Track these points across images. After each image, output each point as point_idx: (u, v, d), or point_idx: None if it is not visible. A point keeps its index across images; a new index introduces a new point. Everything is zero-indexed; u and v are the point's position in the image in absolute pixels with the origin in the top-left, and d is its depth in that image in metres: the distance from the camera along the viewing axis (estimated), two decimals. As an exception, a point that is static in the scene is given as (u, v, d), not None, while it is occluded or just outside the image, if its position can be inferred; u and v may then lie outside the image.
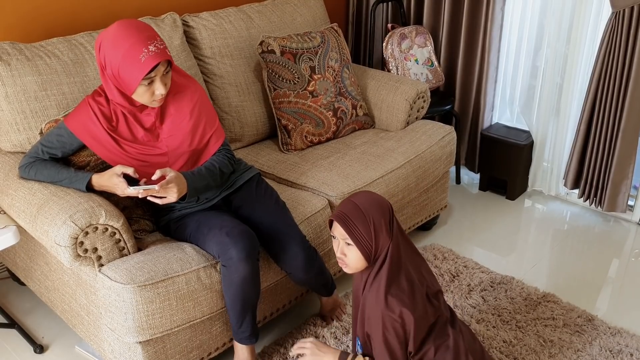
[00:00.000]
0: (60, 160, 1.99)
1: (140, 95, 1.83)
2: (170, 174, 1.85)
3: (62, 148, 1.96)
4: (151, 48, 1.76)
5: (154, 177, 1.84)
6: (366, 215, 1.66)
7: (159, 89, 1.82)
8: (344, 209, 1.69)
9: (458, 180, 3.48)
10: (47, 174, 1.94)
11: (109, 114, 1.91)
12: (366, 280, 1.72)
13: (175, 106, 1.97)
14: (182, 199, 1.92)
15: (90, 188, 1.92)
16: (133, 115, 1.92)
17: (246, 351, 2.04)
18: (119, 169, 1.85)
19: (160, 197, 1.84)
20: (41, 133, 2.02)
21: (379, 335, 1.67)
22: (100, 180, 1.90)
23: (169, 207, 2.07)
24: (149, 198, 1.84)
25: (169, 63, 1.84)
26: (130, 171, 1.85)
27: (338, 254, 1.72)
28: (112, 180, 1.86)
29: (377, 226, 1.66)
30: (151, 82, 1.81)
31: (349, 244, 1.68)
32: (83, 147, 1.97)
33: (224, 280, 1.92)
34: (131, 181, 1.86)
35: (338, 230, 1.68)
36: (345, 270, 1.74)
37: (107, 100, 1.92)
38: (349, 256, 1.69)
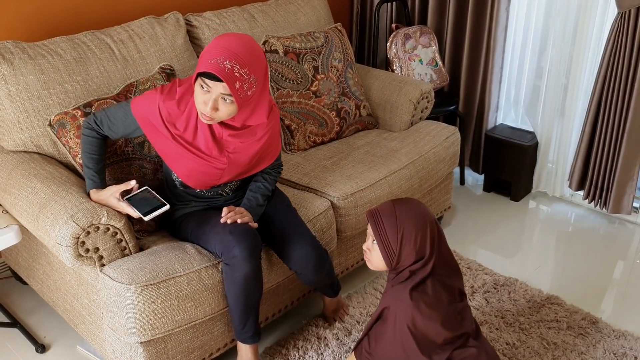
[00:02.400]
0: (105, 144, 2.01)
1: (196, 96, 1.79)
2: (239, 218, 1.91)
3: (123, 128, 1.95)
4: (227, 64, 1.69)
5: (223, 215, 1.92)
6: (398, 222, 1.65)
7: (208, 104, 1.75)
8: (381, 208, 1.70)
9: (462, 181, 3.46)
10: (85, 150, 1.96)
11: (176, 116, 1.88)
12: (392, 286, 1.74)
13: (250, 126, 1.93)
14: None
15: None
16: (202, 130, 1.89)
17: (250, 351, 2.04)
18: (115, 190, 1.87)
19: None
20: (50, 124, 2.02)
21: (391, 323, 1.69)
22: (98, 197, 1.90)
23: (178, 204, 2.07)
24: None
25: (233, 96, 1.74)
26: (130, 185, 1.88)
27: (364, 247, 1.76)
28: (110, 203, 1.88)
29: (406, 237, 1.64)
30: (207, 93, 1.75)
31: (374, 242, 1.70)
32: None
33: (227, 279, 1.91)
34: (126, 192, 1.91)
35: (368, 225, 1.72)
36: (368, 265, 1.77)
37: (179, 102, 1.88)
38: (372, 253, 1.73)
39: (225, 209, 1.93)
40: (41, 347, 2.27)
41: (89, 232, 1.79)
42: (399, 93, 2.82)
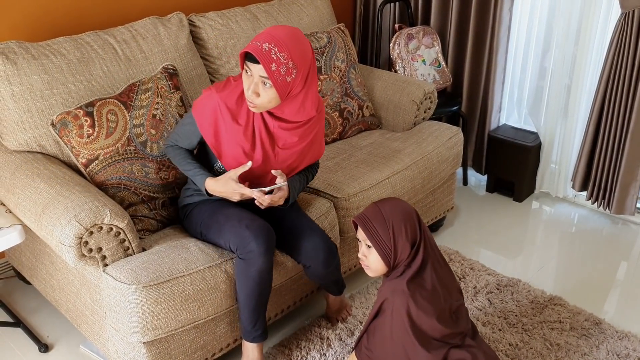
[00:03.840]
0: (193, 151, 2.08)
1: (243, 81, 1.85)
2: (284, 181, 1.93)
3: (187, 139, 2.01)
4: (265, 46, 1.75)
5: (276, 176, 1.93)
6: (386, 219, 1.71)
7: (249, 88, 1.81)
8: (366, 212, 1.76)
9: (465, 181, 3.46)
10: (178, 161, 2.04)
11: (236, 109, 1.92)
12: (388, 280, 1.78)
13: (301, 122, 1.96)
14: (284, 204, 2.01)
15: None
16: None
17: (256, 350, 2.05)
18: (233, 173, 1.90)
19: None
20: (52, 124, 2.02)
21: (388, 314, 1.73)
22: (215, 186, 1.95)
23: (193, 190, 2.09)
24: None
25: (270, 79, 1.78)
26: (247, 167, 1.90)
27: (360, 255, 1.79)
28: (230, 186, 1.90)
29: (397, 231, 1.70)
30: (250, 77, 1.81)
31: (369, 246, 1.74)
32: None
33: (240, 274, 1.91)
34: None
35: (360, 232, 1.76)
36: (367, 272, 1.79)
37: (239, 95, 1.92)
38: (369, 258, 1.76)
39: (266, 197, 1.92)
40: (44, 347, 2.28)
41: (92, 232, 1.80)
42: (401, 93, 2.82)
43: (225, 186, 1.91)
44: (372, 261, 1.75)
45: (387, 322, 1.73)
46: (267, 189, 1.89)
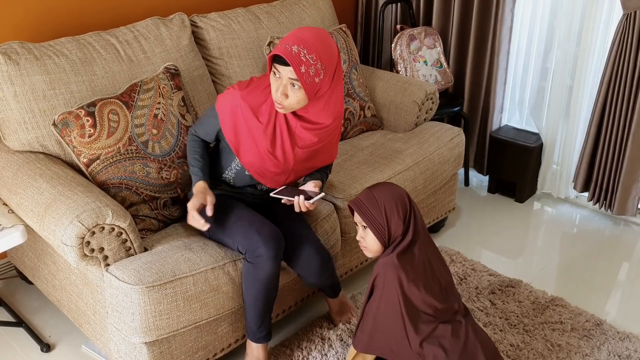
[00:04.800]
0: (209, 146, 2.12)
1: (272, 85, 1.87)
2: (321, 192, 1.97)
3: (206, 130, 2.04)
4: (294, 48, 1.77)
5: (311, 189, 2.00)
6: (378, 200, 1.81)
7: (277, 89, 1.83)
8: (360, 196, 1.86)
9: (467, 182, 3.46)
10: (190, 152, 2.07)
11: (257, 107, 1.94)
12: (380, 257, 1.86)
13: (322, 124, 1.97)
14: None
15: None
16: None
17: (261, 350, 2.07)
18: (201, 200, 1.92)
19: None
20: (54, 124, 2.03)
21: (378, 292, 1.81)
22: (196, 191, 1.97)
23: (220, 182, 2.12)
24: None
25: (299, 81, 1.80)
26: (204, 227, 1.91)
27: (358, 237, 1.88)
28: (194, 200, 1.91)
29: (389, 211, 1.80)
30: (279, 80, 1.83)
31: (365, 227, 1.84)
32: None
33: (247, 277, 1.93)
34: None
35: (356, 215, 1.86)
36: (366, 253, 1.89)
37: (261, 93, 1.95)
38: (366, 239, 1.85)
39: (301, 200, 1.92)
40: (46, 347, 2.28)
41: (94, 232, 1.80)
42: (403, 94, 2.82)
43: (194, 197, 1.93)
44: (369, 242, 1.84)
45: (377, 295, 1.81)
46: (312, 201, 1.91)
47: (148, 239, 2.07)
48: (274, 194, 1.98)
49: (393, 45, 3.20)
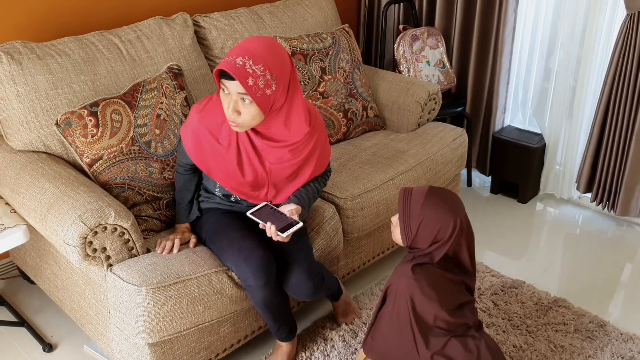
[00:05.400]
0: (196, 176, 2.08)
1: (222, 100, 1.78)
2: (299, 222, 1.86)
3: (184, 157, 2.00)
4: (238, 60, 1.67)
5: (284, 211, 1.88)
6: (423, 208, 1.68)
7: (228, 106, 1.74)
8: (415, 188, 1.72)
9: (469, 183, 3.45)
10: (176, 187, 2.08)
11: (217, 129, 1.87)
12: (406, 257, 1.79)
13: (285, 133, 1.87)
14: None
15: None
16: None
17: (286, 345, 2.12)
18: (180, 239, 1.97)
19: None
20: (56, 124, 2.03)
21: (390, 302, 1.74)
22: (177, 227, 2.06)
23: (202, 194, 2.09)
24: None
25: (248, 94, 1.70)
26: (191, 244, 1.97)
27: (392, 218, 1.79)
28: (171, 235, 1.99)
29: (424, 225, 1.67)
30: (228, 96, 1.73)
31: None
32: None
33: (249, 296, 1.94)
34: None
35: (399, 201, 1.73)
36: (392, 237, 1.81)
37: (217, 114, 1.86)
38: (395, 227, 1.77)
39: (272, 229, 1.82)
40: (48, 347, 2.28)
41: (96, 232, 1.80)
42: (406, 94, 2.82)
43: (172, 233, 2.00)
44: (395, 231, 1.77)
45: (389, 306, 1.75)
46: (285, 234, 1.81)
47: (150, 240, 2.07)
48: (250, 213, 1.88)
49: (396, 45, 3.20)
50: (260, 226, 1.85)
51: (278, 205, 1.94)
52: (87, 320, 2.10)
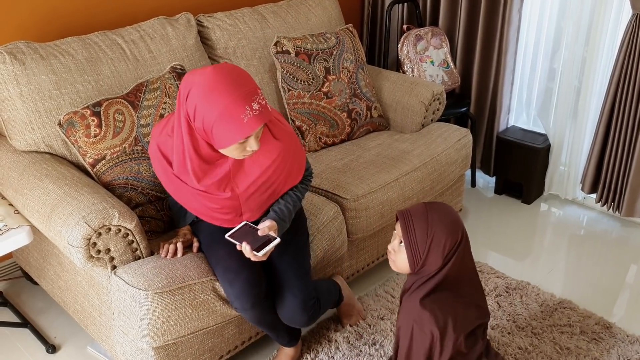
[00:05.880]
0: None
1: (231, 151, 1.67)
2: (276, 237, 1.78)
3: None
4: (254, 106, 1.59)
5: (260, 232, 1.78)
6: (430, 226, 1.60)
7: (253, 146, 1.65)
8: (413, 209, 1.64)
9: (473, 183, 3.44)
10: (169, 198, 2.04)
11: (170, 151, 1.78)
12: (410, 287, 1.69)
13: (255, 155, 1.78)
14: None
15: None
16: (202, 168, 1.75)
17: (290, 350, 2.12)
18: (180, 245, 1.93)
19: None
20: (59, 124, 2.02)
21: (405, 344, 1.66)
22: (184, 232, 2.01)
23: None
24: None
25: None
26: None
27: (389, 247, 1.69)
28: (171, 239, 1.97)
29: (436, 242, 1.59)
30: (246, 139, 1.64)
31: (401, 244, 1.64)
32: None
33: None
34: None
35: (398, 226, 1.65)
36: (391, 266, 1.71)
37: (169, 136, 1.78)
38: (397, 255, 1.67)
39: (247, 250, 1.74)
40: (51, 348, 2.27)
41: (100, 233, 1.79)
42: (410, 94, 2.81)
43: (175, 237, 1.99)
44: (399, 258, 1.66)
45: (404, 349, 1.67)
46: (261, 252, 1.73)
47: (154, 242, 2.06)
48: (228, 236, 1.79)
49: (400, 45, 3.18)
50: (237, 247, 1.76)
51: (257, 222, 1.87)
52: (91, 321, 2.09)
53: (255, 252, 1.73)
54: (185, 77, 1.65)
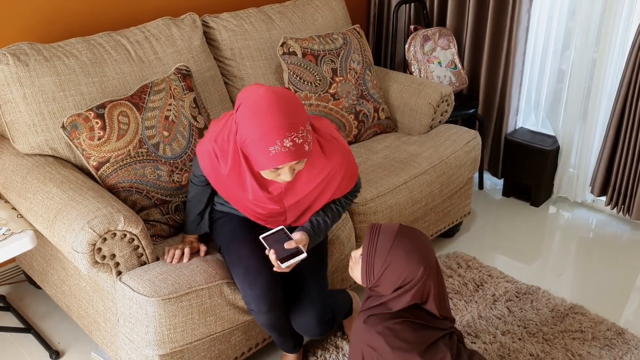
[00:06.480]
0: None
1: (265, 174, 1.70)
2: (304, 252, 1.78)
3: (198, 172, 1.90)
4: (286, 143, 1.57)
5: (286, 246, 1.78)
6: (390, 253, 1.55)
7: (285, 178, 1.66)
8: (384, 227, 1.60)
9: (481, 185, 3.40)
10: (187, 202, 2.02)
11: (223, 154, 1.77)
12: (365, 300, 1.67)
13: (304, 174, 1.80)
14: None
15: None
16: (258, 188, 1.79)
17: (293, 357, 2.12)
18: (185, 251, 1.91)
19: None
20: (62, 126, 1.98)
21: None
22: (190, 240, 2.00)
23: (219, 199, 2.03)
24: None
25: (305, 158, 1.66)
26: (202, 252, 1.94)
27: (352, 254, 1.68)
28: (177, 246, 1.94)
29: (392, 271, 1.54)
30: (277, 169, 1.65)
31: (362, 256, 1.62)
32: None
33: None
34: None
35: (365, 237, 1.62)
36: (349, 272, 1.70)
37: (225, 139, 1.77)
38: (355, 265, 1.66)
39: (273, 258, 1.76)
40: (55, 354, 2.24)
41: (105, 239, 1.75)
42: (418, 96, 2.77)
43: (181, 243, 1.97)
44: (355, 269, 1.65)
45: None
46: (285, 265, 1.74)
47: (158, 246, 2.02)
48: (263, 237, 1.81)
49: (407, 46, 3.15)
50: (266, 252, 1.78)
51: (294, 229, 1.88)
52: (95, 327, 2.06)
53: (279, 263, 1.74)
54: (244, 89, 1.69)
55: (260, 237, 1.82)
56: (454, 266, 2.63)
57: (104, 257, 1.77)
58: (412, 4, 3.46)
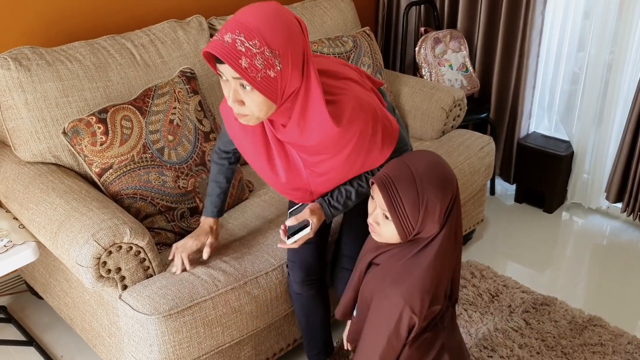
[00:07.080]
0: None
1: (223, 89, 1.43)
2: (305, 216, 1.66)
3: (226, 141, 1.77)
4: (227, 37, 1.30)
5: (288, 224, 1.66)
6: (419, 190, 1.32)
7: (229, 96, 1.39)
8: (394, 173, 1.34)
9: (493, 191, 3.33)
10: (209, 180, 1.92)
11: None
12: (390, 249, 1.45)
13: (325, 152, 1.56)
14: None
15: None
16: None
17: None
18: (197, 243, 1.86)
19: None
20: (64, 132, 1.92)
21: (378, 325, 1.44)
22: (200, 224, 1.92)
23: None
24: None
25: (244, 79, 1.34)
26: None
27: (370, 221, 1.42)
28: (190, 239, 1.87)
29: (430, 210, 1.33)
30: (227, 83, 1.39)
31: (386, 217, 1.38)
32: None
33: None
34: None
35: (378, 195, 1.37)
36: (375, 237, 1.46)
37: None
38: (382, 228, 1.40)
39: (281, 232, 1.66)
40: (58, 367, 2.18)
41: (110, 252, 1.69)
42: (430, 100, 2.70)
43: (193, 238, 1.86)
44: (385, 231, 1.40)
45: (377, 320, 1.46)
46: (290, 241, 1.64)
47: (163, 255, 1.95)
48: (291, 211, 1.74)
49: (417, 48, 3.07)
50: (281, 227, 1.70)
51: None
52: (100, 341, 1.99)
53: (285, 239, 1.66)
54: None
55: (290, 211, 1.77)
56: (468, 276, 2.55)
57: (109, 270, 1.70)
58: (422, 6, 3.39)
